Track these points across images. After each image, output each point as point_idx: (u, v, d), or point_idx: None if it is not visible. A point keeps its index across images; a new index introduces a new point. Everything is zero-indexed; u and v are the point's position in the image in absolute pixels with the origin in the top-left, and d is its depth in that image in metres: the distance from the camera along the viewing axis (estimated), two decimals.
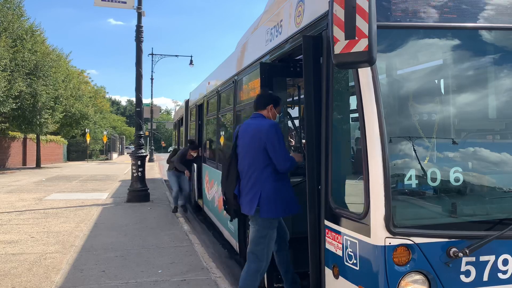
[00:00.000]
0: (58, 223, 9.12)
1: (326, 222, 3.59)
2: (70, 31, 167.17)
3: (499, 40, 3.46)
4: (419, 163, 3.20)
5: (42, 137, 31.93)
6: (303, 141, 5.96)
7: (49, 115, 26.41)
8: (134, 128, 13.46)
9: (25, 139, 31.49)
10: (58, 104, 27.82)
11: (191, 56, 38.51)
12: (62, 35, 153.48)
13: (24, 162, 31.50)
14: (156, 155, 44.45)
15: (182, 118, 15.45)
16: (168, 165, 11.38)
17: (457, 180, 3.19)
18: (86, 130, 38.78)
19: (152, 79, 39.78)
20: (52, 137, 35.82)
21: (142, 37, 12.86)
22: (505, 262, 3.11)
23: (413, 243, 2.99)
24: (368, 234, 3.04)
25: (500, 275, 3.11)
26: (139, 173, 12.35)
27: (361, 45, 2.74)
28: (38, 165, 30.05)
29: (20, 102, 22.95)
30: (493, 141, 3.66)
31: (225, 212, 4.68)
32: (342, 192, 3.61)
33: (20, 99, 22.81)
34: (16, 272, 5.80)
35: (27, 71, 23.37)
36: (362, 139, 3.10)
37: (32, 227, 8.67)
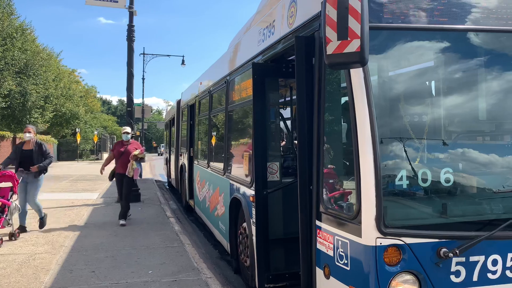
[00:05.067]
0: (47, 223, 9.03)
1: (318, 222, 3.60)
2: (60, 29, 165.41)
3: (489, 42, 3.50)
4: (410, 164, 3.22)
5: None
6: (295, 141, 5.97)
7: (39, 115, 26.18)
8: None
9: (14, 139, 31.14)
10: (48, 104, 27.60)
11: (183, 56, 38.33)
12: (52, 34, 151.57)
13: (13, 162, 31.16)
14: (147, 155, 44.25)
15: (173, 118, 15.41)
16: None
17: (447, 180, 3.22)
18: (77, 129, 38.48)
19: (143, 78, 39.54)
20: (42, 136, 35.45)
21: (134, 37, 12.80)
22: (495, 263, 3.14)
23: (403, 243, 3.00)
24: (359, 234, 3.05)
25: (490, 275, 3.13)
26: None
27: (353, 45, 2.75)
28: None
29: (10, 101, 22.71)
30: (483, 142, 3.69)
31: (216, 212, 4.68)
32: (333, 192, 3.62)
33: (9, 98, 22.57)
34: (5, 272, 5.73)
35: (17, 69, 23.12)
36: (354, 140, 3.11)
37: None
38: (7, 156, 8.44)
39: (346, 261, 3.21)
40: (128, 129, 9.52)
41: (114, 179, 9.44)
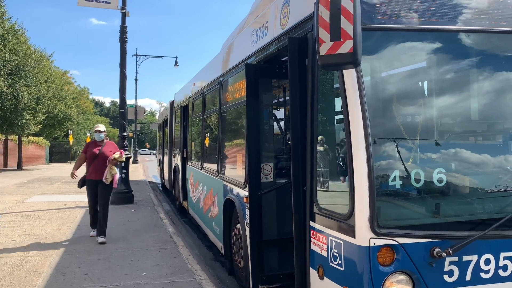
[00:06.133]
0: (40, 226, 8.97)
1: (311, 223, 3.60)
2: (52, 31, 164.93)
3: (481, 42, 3.52)
4: (403, 164, 3.23)
5: (24, 139, 31.44)
6: (289, 142, 5.97)
7: (31, 116, 26.01)
8: (118, 129, 13.30)
9: (6, 141, 30.94)
10: (40, 105, 27.41)
11: (176, 57, 38.34)
12: (43, 35, 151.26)
13: (5, 164, 30.94)
14: (140, 157, 44.11)
15: (166, 119, 15.37)
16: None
17: (440, 181, 3.23)
18: (69, 131, 38.27)
19: (136, 80, 39.53)
20: (34, 138, 35.27)
21: (126, 38, 12.74)
22: (487, 262, 3.16)
23: (397, 243, 3.01)
24: (353, 234, 3.05)
25: (483, 275, 3.15)
26: (123, 175, 12.21)
27: (346, 46, 2.76)
28: (19, 167, 29.55)
29: (1, 102, 22.56)
30: (475, 142, 3.71)
31: (210, 214, 4.68)
32: (327, 193, 3.62)
33: (1, 100, 22.42)
34: None
35: (8, 71, 22.99)
36: (347, 140, 3.12)
37: (13, 230, 8.50)
38: None
39: (340, 262, 3.21)
40: (101, 127, 8.01)
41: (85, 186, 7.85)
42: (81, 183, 7.87)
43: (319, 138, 3.58)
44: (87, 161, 7.79)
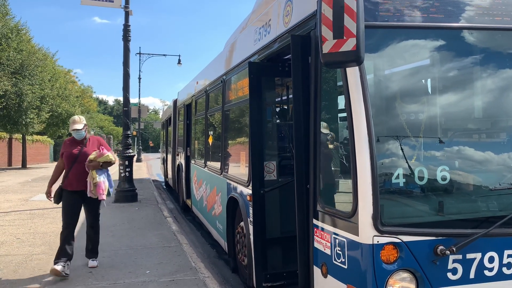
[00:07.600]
0: (44, 224, 9.01)
1: (315, 221, 3.60)
2: (55, 29, 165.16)
3: (485, 40, 3.51)
4: (407, 162, 3.23)
5: (28, 137, 31.52)
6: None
7: (35, 115, 26.05)
8: (122, 128, 13.33)
9: (10, 139, 31.02)
10: (44, 104, 27.45)
11: (179, 56, 38.47)
12: (47, 34, 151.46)
13: (9, 163, 31.04)
14: (144, 155, 44.24)
15: (170, 118, 15.39)
16: None
17: (444, 178, 3.23)
18: None
19: (139, 78, 39.58)
20: (38, 137, 35.37)
21: (130, 36, 12.74)
22: (491, 260, 3.15)
23: (400, 241, 3.01)
24: (356, 232, 3.06)
25: (486, 272, 3.15)
26: (127, 173, 12.24)
27: (349, 44, 2.76)
28: (23, 166, 29.63)
29: (5, 101, 22.61)
30: (479, 140, 3.70)
31: (214, 212, 4.68)
32: (330, 191, 3.62)
33: (5, 99, 22.47)
34: (1, 274, 5.71)
35: (12, 70, 23.02)
36: (350, 138, 3.12)
37: (17, 228, 8.55)
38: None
39: (343, 260, 3.22)
40: (77, 120, 5.71)
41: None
42: (58, 197, 5.82)
43: (327, 133, 3.58)
44: (65, 166, 5.79)
